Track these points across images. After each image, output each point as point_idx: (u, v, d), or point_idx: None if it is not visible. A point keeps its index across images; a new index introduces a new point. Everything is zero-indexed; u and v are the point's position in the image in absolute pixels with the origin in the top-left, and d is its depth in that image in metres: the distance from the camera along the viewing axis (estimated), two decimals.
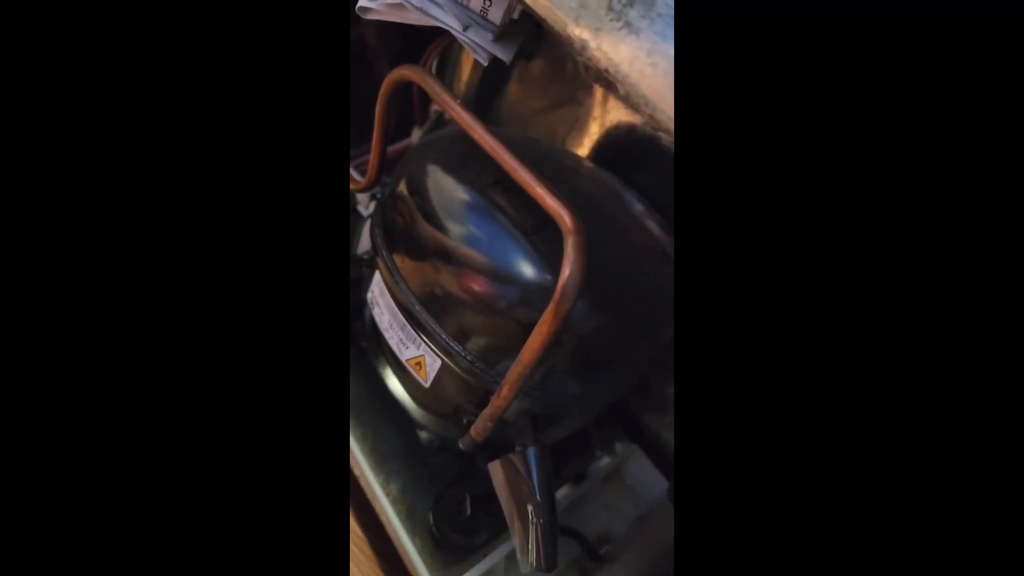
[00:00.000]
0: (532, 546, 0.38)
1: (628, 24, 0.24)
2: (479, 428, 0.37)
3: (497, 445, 0.43)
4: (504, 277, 0.35)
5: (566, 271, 0.29)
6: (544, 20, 0.27)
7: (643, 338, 0.41)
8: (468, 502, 0.47)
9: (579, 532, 0.51)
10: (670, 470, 0.58)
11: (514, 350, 0.33)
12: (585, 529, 0.52)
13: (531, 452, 0.39)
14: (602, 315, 0.37)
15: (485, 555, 0.46)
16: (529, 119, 0.63)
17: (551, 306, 0.29)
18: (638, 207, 0.44)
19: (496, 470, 0.41)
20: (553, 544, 0.38)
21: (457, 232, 0.36)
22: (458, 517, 0.47)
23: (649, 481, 0.57)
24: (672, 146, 0.24)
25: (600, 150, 0.56)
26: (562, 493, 0.54)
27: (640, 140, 0.51)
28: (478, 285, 0.36)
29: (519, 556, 0.40)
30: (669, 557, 0.48)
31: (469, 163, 0.38)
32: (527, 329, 0.31)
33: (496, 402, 0.35)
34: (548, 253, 0.35)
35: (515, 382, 0.33)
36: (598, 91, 0.56)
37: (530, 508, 0.39)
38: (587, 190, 0.42)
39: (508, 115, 0.64)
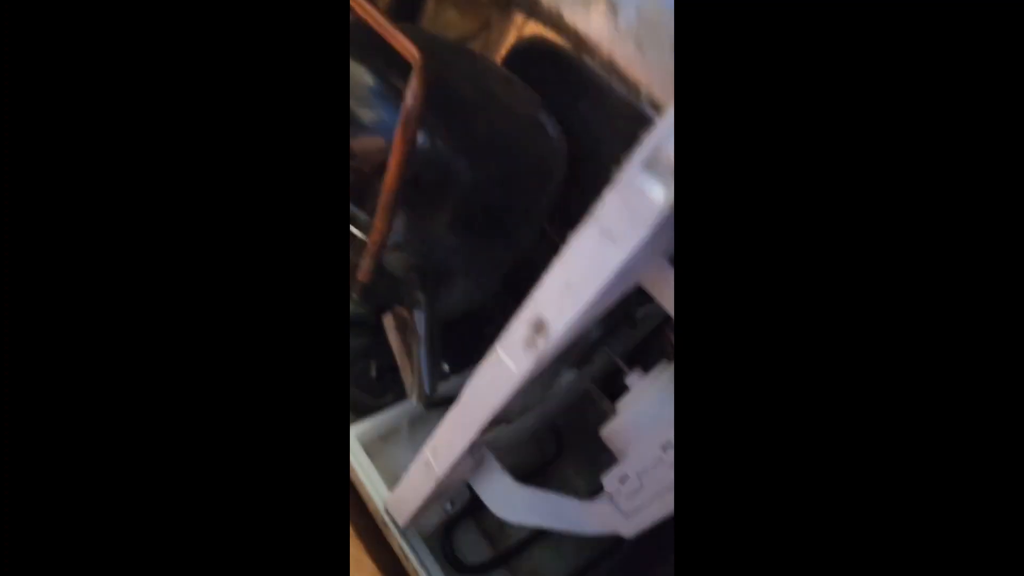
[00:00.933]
0: (416, 377, 0.43)
1: None
2: (363, 268, 0.42)
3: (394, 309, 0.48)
4: (373, 131, 0.40)
5: (408, 98, 0.33)
6: None
7: (522, 202, 0.46)
8: (374, 367, 0.52)
9: None
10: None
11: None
12: None
13: (417, 298, 0.44)
14: (480, 172, 0.42)
15: (389, 410, 0.51)
16: None
17: (398, 130, 0.34)
18: (525, 90, 0.49)
19: (388, 321, 0.46)
20: (432, 373, 0.42)
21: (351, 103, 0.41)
22: (364, 380, 0.52)
23: None
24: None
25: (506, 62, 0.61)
26: None
27: (540, 47, 0.56)
28: (356, 144, 0.40)
29: (408, 392, 0.45)
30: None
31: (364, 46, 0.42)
32: None
33: (372, 237, 0.39)
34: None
35: (383, 211, 0.38)
36: (517, 17, 0.61)
37: (414, 346, 0.43)
38: (472, 69, 0.46)
39: None
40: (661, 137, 0.20)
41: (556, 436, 0.57)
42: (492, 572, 0.47)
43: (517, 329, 0.28)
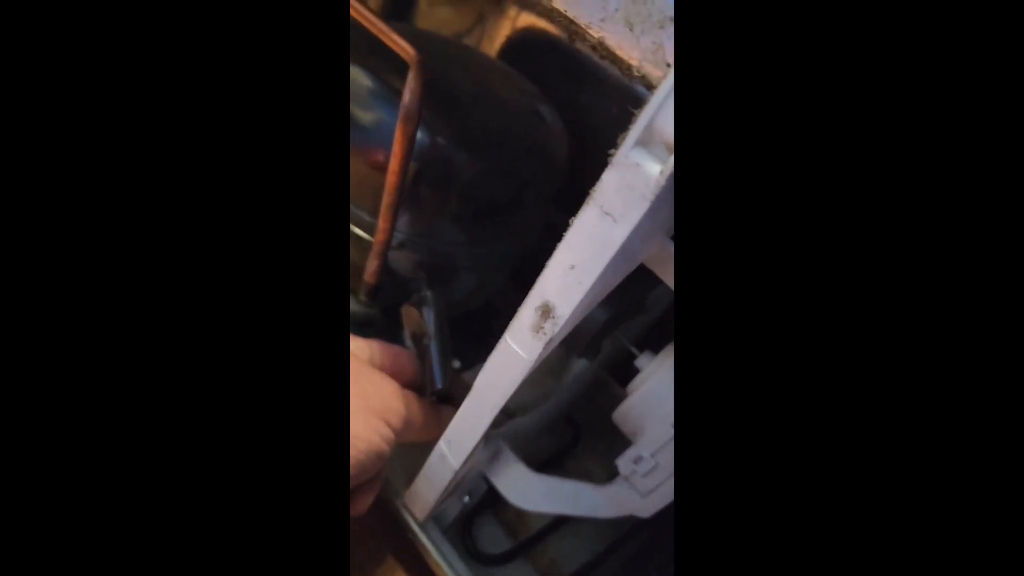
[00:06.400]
0: (427, 372, 0.43)
1: None
2: (370, 270, 0.42)
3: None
4: (373, 132, 0.40)
5: (407, 95, 0.34)
6: None
7: (524, 194, 0.46)
8: None
9: None
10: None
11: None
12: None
13: (425, 296, 0.45)
14: (481, 165, 0.42)
15: None
16: None
17: (398, 128, 0.35)
18: (522, 82, 0.49)
19: (406, 313, 0.47)
20: (443, 365, 0.43)
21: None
22: None
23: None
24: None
25: (503, 55, 0.61)
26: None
27: (535, 38, 0.57)
28: (356, 145, 0.41)
29: (422, 391, 0.46)
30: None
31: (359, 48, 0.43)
32: None
33: (378, 237, 0.40)
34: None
35: (387, 211, 0.38)
36: (510, 10, 0.61)
37: (425, 341, 0.44)
38: (467, 64, 0.47)
39: None
40: (653, 113, 0.21)
41: (572, 426, 0.58)
42: (512, 562, 0.48)
43: (524, 316, 0.29)
